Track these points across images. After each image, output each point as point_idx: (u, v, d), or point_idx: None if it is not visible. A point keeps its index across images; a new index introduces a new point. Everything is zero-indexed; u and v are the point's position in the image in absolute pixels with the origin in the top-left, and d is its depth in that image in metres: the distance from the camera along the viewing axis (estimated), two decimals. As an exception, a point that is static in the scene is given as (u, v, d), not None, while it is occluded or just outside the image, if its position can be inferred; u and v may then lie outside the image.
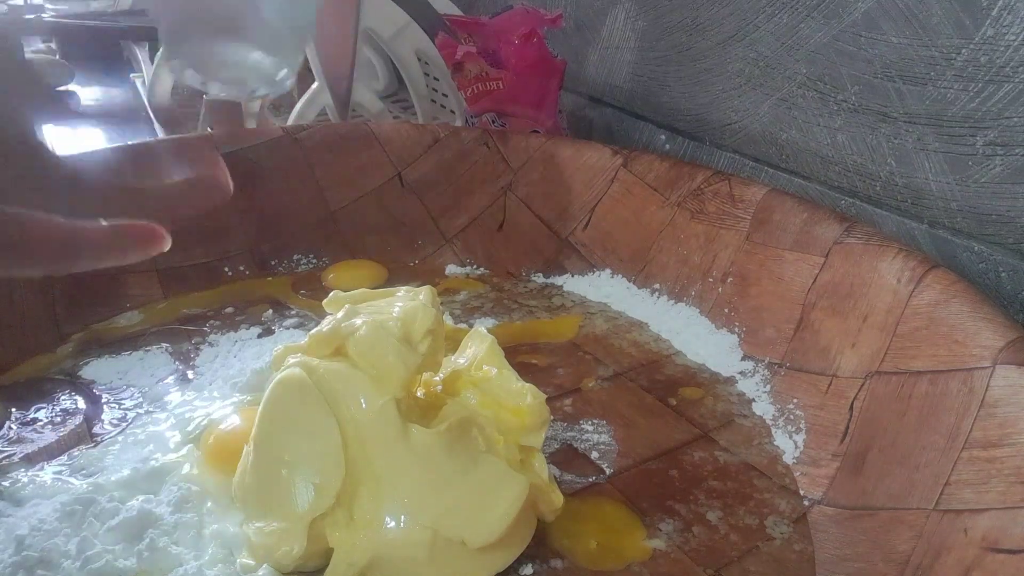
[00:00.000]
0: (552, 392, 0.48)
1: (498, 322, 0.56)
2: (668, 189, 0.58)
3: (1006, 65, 0.43)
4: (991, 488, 0.32)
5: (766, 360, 0.49)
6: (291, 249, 0.64)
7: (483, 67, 0.68)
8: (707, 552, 0.37)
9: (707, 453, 0.44)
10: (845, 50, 0.52)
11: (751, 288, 0.52)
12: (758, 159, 0.62)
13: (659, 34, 0.70)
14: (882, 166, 0.52)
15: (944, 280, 0.40)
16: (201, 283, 0.59)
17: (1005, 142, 0.44)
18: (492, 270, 0.64)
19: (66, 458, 0.41)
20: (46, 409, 0.45)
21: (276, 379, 0.35)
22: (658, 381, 0.50)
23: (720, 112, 0.65)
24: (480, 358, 0.41)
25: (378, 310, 0.38)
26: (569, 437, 0.44)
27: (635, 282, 0.59)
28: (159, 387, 0.47)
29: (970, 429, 0.34)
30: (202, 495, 0.38)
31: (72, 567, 0.34)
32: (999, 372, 0.34)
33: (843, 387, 0.43)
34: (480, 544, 0.33)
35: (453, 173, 0.66)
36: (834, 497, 0.39)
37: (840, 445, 0.41)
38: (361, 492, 0.35)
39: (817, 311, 0.46)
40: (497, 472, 0.35)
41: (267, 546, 0.34)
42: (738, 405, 0.48)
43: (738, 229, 0.53)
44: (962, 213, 0.47)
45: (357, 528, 0.34)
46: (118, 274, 0.57)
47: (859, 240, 0.45)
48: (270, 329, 0.54)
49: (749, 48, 0.60)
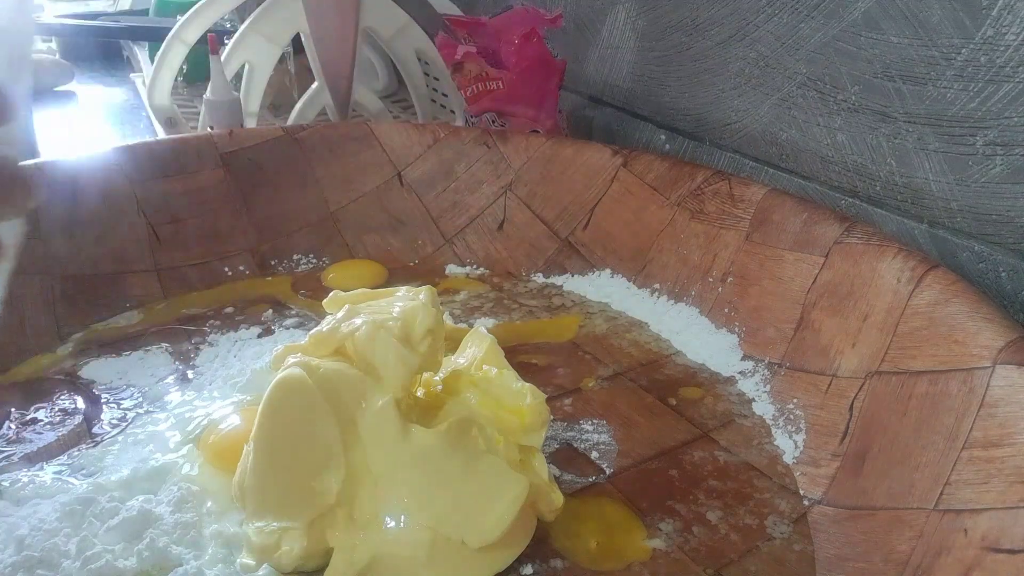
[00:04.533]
0: (552, 392, 0.48)
1: (498, 322, 0.56)
2: (668, 189, 0.58)
3: (1006, 65, 0.43)
4: (991, 488, 0.32)
5: (766, 360, 0.49)
6: (291, 249, 0.64)
7: (483, 67, 0.69)
8: (707, 552, 0.37)
9: (707, 453, 0.44)
10: (845, 50, 0.52)
11: (751, 288, 0.52)
12: (758, 159, 0.62)
13: (659, 34, 0.69)
14: (882, 166, 0.52)
15: (944, 280, 0.40)
16: (201, 283, 0.59)
17: (1005, 142, 0.44)
18: (492, 270, 0.64)
19: (66, 458, 0.41)
20: (46, 409, 0.45)
21: (276, 379, 0.35)
22: (658, 381, 0.50)
23: (720, 112, 0.65)
24: (480, 358, 0.41)
25: (378, 310, 0.38)
26: (569, 437, 0.44)
27: (635, 282, 0.59)
28: (159, 387, 0.47)
29: (970, 429, 0.34)
30: (202, 495, 0.38)
31: (72, 567, 0.34)
32: (999, 372, 0.34)
33: (843, 387, 0.43)
34: (480, 544, 0.33)
35: (453, 173, 0.66)
36: (834, 497, 0.39)
37: (840, 445, 0.41)
38: (361, 492, 0.35)
39: (817, 311, 0.46)
40: (497, 472, 0.35)
41: (267, 546, 0.34)
42: (738, 405, 0.48)
43: (738, 229, 0.53)
44: (962, 213, 0.47)
45: (357, 528, 0.34)
46: (118, 274, 0.57)
47: (859, 240, 0.45)
48: (270, 329, 0.54)
49: (749, 48, 0.60)
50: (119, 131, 0.98)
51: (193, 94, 1.02)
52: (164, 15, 1.05)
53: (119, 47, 1.30)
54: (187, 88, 1.03)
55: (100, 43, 1.31)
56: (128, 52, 1.23)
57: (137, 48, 1.13)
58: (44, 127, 0.93)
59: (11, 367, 0.49)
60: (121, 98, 1.12)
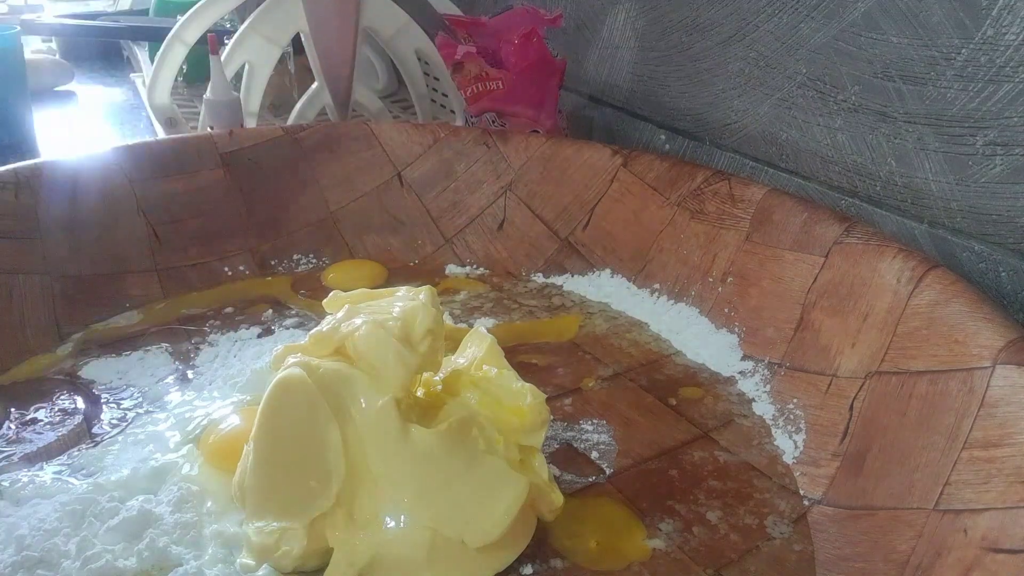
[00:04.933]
0: (552, 392, 0.48)
1: (498, 322, 0.56)
2: (668, 189, 0.58)
3: (1006, 65, 0.43)
4: (991, 488, 0.32)
5: (766, 360, 0.49)
6: (291, 249, 0.64)
7: (483, 67, 0.69)
8: (707, 552, 0.37)
9: (707, 453, 0.44)
10: (845, 50, 0.52)
11: (751, 288, 0.52)
12: (758, 159, 0.62)
13: (659, 34, 0.70)
14: (882, 166, 0.52)
15: (944, 280, 0.40)
16: (201, 283, 0.59)
17: (1005, 142, 0.44)
18: (492, 270, 0.64)
19: (66, 458, 0.41)
20: (46, 409, 0.45)
21: (276, 379, 0.35)
22: (658, 381, 0.50)
23: (720, 112, 0.65)
24: (480, 358, 0.41)
25: (378, 310, 0.38)
26: (569, 437, 0.44)
27: (635, 282, 0.59)
28: (159, 387, 0.47)
29: (970, 429, 0.34)
30: (202, 495, 0.38)
31: (72, 567, 0.34)
32: (999, 372, 0.34)
33: (843, 387, 0.43)
34: (480, 544, 0.33)
35: (453, 173, 0.66)
36: (834, 497, 0.39)
37: (840, 445, 0.41)
38: (361, 492, 0.35)
39: (817, 311, 0.46)
40: (497, 472, 0.35)
41: (267, 546, 0.34)
42: (738, 405, 0.48)
43: (738, 229, 0.53)
44: (962, 213, 0.48)
45: (357, 528, 0.34)
46: (118, 274, 0.57)
47: (859, 240, 0.45)
48: (270, 329, 0.54)
49: (749, 48, 0.60)
50: (119, 131, 0.98)
51: (193, 94, 1.02)
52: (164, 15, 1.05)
53: (119, 47, 1.30)
54: (187, 88, 1.03)
55: (100, 43, 1.31)
56: (128, 52, 1.23)
57: (137, 48, 1.13)
58: (44, 127, 0.93)
59: (11, 367, 0.49)
60: (121, 98, 1.12)
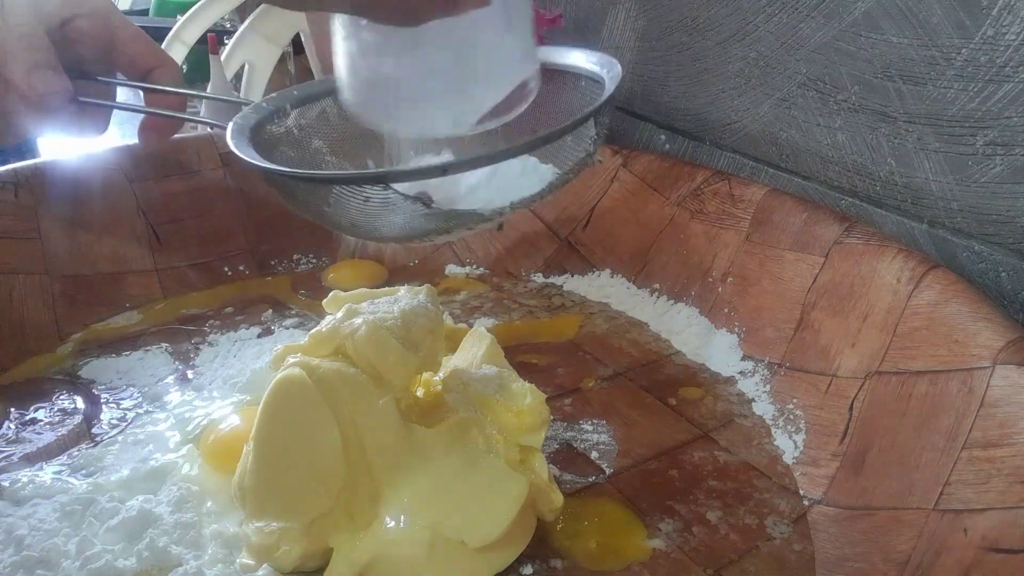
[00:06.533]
0: (552, 392, 0.48)
1: (498, 322, 0.56)
2: (668, 189, 0.58)
3: (1006, 65, 0.43)
4: (991, 488, 0.32)
5: (766, 360, 0.49)
6: (291, 249, 0.64)
7: (483, 67, 0.68)
8: (707, 552, 0.37)
9: (707, 453, 0.44)
10: (845, 50, 0.52)
11: (751, 288, 0.51)
12: (758, 159, 0.62)
13: (659, 34, 0.69)
14: (882, 166, 0.52)
15: (944, 280, 0.40)
16: (201, 283, 0.59)
17: (1005, 142, 0.44)
18: (492, 270, 0.64)
19: (66, 458, 0.41)
20: (46, 409, 0.45)
21: (276, 379, 0.35)
22: (658, 381, 0.50)
23: (720, 112, 0.64)
24: (480, 358, 0.41)
25: (378, 310, 0.38)
26: (569, 437, 0.44)
27: (635, 282, 0.59)
28: (159, 387, 0.47)
29: (970, 429, 0.34)
30: (202, 495, 0.38)
31: (72, 567, 0.34)
32: (999, 372, 0.34)
33: (843, 387, 0.43)
34: (480, 544, 0.33)
35: (453, 173, 0.66)
36: (834, 497, 0.39)
37: (840, 445, 0.41)
38: (361, 492, 0.35)
39: (817, 311, 0.46)
40: (497, 472, 0.35)
41: (267, 546, 0.34)
42: (738, 405, 0.48)
43: (738, 229, 0.53)
44: (962, 213, 0.47)
45: (357, 528, 0.34)
46: (118, 274, 0.57)
47: (859, 240, 0.45)
48: (270, 329, 0.54)
49: (749, 48, 0.60)
50: (119, 131, 0.98)
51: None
52: (164, 15, 1.05)
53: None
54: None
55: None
56: (128, 52, 1.22)
57: (137, 48, 1.13)
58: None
59: (11, 367, 0.49)
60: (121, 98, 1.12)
